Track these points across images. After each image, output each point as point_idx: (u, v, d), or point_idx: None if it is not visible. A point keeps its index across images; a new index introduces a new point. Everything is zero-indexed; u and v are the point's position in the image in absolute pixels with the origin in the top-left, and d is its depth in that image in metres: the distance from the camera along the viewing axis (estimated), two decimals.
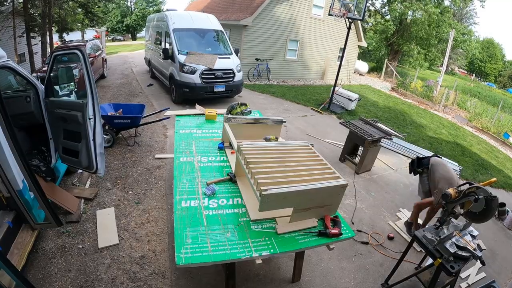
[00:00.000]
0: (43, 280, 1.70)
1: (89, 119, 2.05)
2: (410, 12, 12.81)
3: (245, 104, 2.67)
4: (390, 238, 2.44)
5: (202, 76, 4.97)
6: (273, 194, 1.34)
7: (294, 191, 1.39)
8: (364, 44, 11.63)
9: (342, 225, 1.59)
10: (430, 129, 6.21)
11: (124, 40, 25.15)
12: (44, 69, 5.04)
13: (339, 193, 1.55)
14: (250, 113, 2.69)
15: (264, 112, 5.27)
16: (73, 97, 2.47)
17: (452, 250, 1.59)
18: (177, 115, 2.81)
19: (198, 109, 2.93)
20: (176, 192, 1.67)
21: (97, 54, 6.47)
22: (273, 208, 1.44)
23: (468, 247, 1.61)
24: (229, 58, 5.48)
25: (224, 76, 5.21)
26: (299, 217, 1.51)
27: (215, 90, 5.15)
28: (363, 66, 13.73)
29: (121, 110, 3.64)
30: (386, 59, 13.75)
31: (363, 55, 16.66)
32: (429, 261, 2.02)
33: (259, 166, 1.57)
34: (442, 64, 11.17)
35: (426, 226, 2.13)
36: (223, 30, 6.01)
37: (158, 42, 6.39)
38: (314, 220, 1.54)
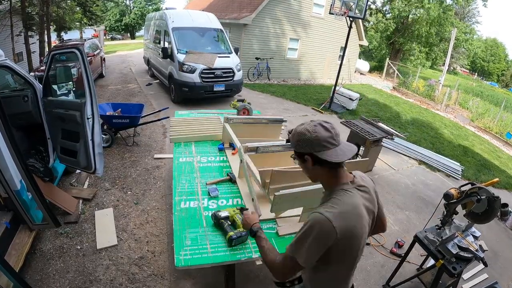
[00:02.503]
0: (41, 282, 1.69)
1: (88, 118, 2.03)
2: (412, 10, 12.74)
3: (243, 100, 2.65)
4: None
5: (202, 75, 4.94)
6: (285, 194, 1.33)
7: (305, 190, 1.38)
8: (365, 43, 11.59)
9: None
10: (432, 129, 6.17)
11: (122, 39, 25.11)
12: (42, 68, 5.01)
13: None
14: (250, 107, 2.65)
15: (264, 112, 5.24)
16: (71, 97, 2.45)
17: (454, 251, 1.57)
18: (176, 111, 2.78)
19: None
20: (175, 193, 1.65)
21: (95, 53, 6.45)
22: (284, 209, 1.43)
23: (470, 248, 1.59)
24: (228, 57, 5.45)
25: (223, 75, 5.18)
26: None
27: (214, 89, 5.13)
28: (364, 65, 13.68)
29: (120, 109, 3.61)
30: (387, 58, 13.69)
31: (364, 54, 16.61)
32: (431, 262, 2.00)
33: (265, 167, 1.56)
34: (444, 63, 11.12)
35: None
36: (222, 29, 5.98)
37: (157, 41, 6.36)
38: None
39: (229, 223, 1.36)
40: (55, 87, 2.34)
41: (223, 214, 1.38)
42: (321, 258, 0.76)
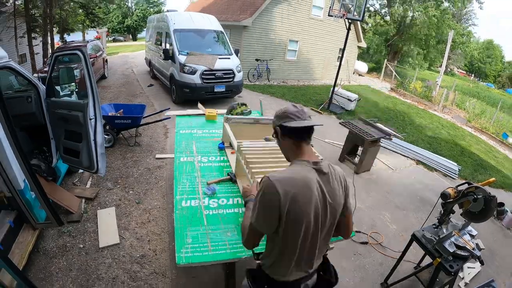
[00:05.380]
0: (44, 280, 1.71)
1: (90, 119, 2.05)
2: (410, 14, 12.84)
3: (245, 104, 2.68)
4: None
5: (203, 76, 4.98)
6: None
7: None
8: (363, 44, 11.65)
9: None
10: (429, 129, 6.21)
11: (125, 40, 25.11)
12: (45, 69, 5.04)
13: None
14: (250, 113, 2.70)
15: (264, 112, 5.26)
16: (74, 98, 2.48)
17: (451, 250, 1.59)
18: (178, 115, 2.82)
19: (200, 108, 2.94)
20: (176, 192, 1.67)
21: (98, 54, 6.48)
22: None
23: (467, 246, 1.61)
24: (229, 58, 5.49)
25: (224, 76, 5.21)
26: None
27: (215, 90, 5.16)
28: (363, 67, 13.75)
29: (122, 110, 3.64)
30: (385, 60, 13.77)
31: (363, 55, 16.68)
32: (429, 260, 2.02)
33: (259, 166, 1.58)
34: (441, 65, 11.19)
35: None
36: (223, 30, 6.03)
37: (159, 43, 6.40)
38: None
39: None
40: (58, 88, 2.36)
41: None
42: (275, 229, 0.79)
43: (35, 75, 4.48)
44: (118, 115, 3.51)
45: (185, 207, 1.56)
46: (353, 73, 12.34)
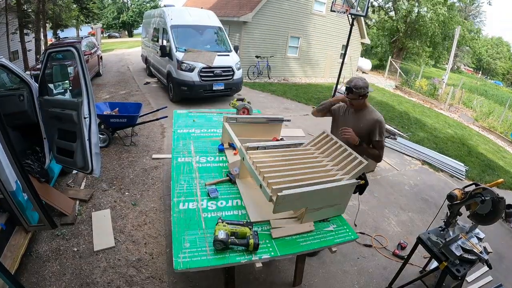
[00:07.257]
0: (37, 284, 1.67)
1: (84, 118, 1.99)
2: (415, 9, 12.62)
3: (242, 99, 2.61)
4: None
5: (201, 74, 4.89)
6: (289, 195, 1.30)
7: (309, 191, 1.35)
8: (367, 41, 11.48)
9: (345, 227, 1.55)
10: (435, 129, 6.11)
11: (120, 37, 24.89)
12: (38, 67, 4.95)
13: (349, 191, 1.53)
14: (250, 106, 2.61)
15: (264, 111, 5.20)
16: (67, 96, 2.41)
17: (458, 253, 1.54)
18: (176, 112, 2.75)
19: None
20: (173, 194, 1.63)
21: (92, 51, 6.39)
22: (287, 209, 1.41)
23: (474, 250, 1.56)
24: (228, 55, 5.39)
25: (223, 74, 5.13)
26: (310, 218, 1.48)
27: (214, 88, 5.07)
28: (366, 64, 13.56)
29: (117, 109, 3.57)
30: (390, 57, 13.57)
31: (366, 52, 16.49)
32: (434, 264, 1.97)
33: (267, 166, 1.53)
34: (448, 62, 11.00)
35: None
36: (222, 26, 5.92)
37: (156, 39, 6.30)
38: (311, 224, 1.50)
39: (234, 237, 1.27)
40: (51, 86, 2.30)
41: (222, 234, 1.24)
42: None
43: (28, 72, 4.39)
44: (114, 114, 3.44)
45: (183, 209, 1.52)
46: (357, 70, 12.19)
